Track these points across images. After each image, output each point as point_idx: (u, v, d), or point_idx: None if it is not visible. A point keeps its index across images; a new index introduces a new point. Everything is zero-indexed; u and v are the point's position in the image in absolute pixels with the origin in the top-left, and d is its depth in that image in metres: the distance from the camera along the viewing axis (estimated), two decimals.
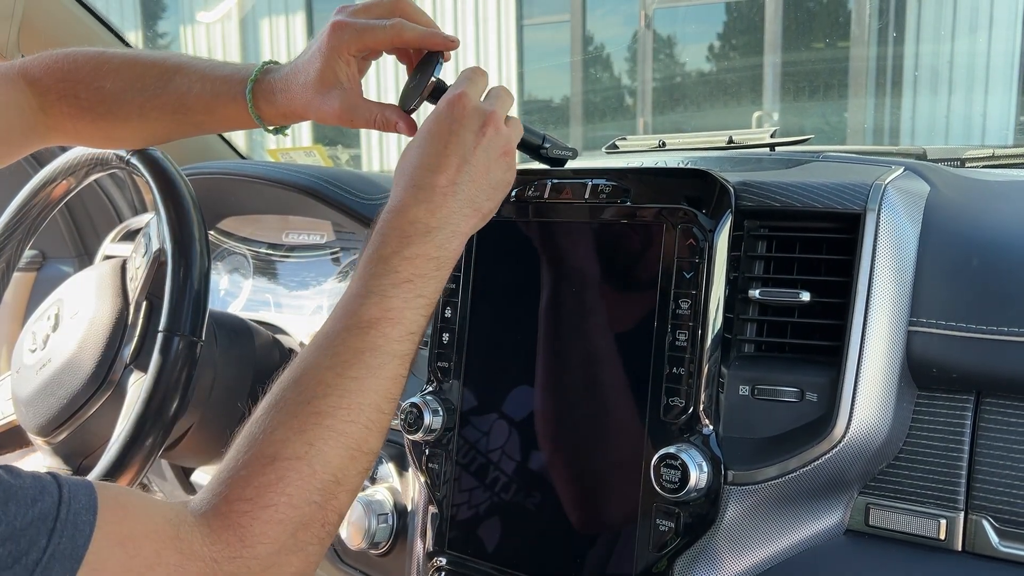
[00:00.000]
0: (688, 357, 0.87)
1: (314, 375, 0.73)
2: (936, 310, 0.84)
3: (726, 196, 0.90)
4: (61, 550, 0.58)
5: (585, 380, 0.96)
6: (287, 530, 0.67)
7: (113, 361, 1.15)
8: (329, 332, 0.76)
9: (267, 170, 1.48)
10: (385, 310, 0.75)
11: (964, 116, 4.74)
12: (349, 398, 0.72)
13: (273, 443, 0.69)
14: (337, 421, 0.71)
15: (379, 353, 0.74)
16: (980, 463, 0.82)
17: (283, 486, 0.67)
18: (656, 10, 6.05)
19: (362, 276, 0.77)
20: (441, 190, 0.80)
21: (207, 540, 0.64)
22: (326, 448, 0.70)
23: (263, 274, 1.53)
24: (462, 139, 0.82)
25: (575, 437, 0.96)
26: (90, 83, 0.98)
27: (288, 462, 0.68)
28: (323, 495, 0.70)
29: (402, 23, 0.88)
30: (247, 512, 0.66)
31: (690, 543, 0.87)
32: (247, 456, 0.69)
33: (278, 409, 0.72)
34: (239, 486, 0.67)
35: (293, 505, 0.68)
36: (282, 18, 8.38)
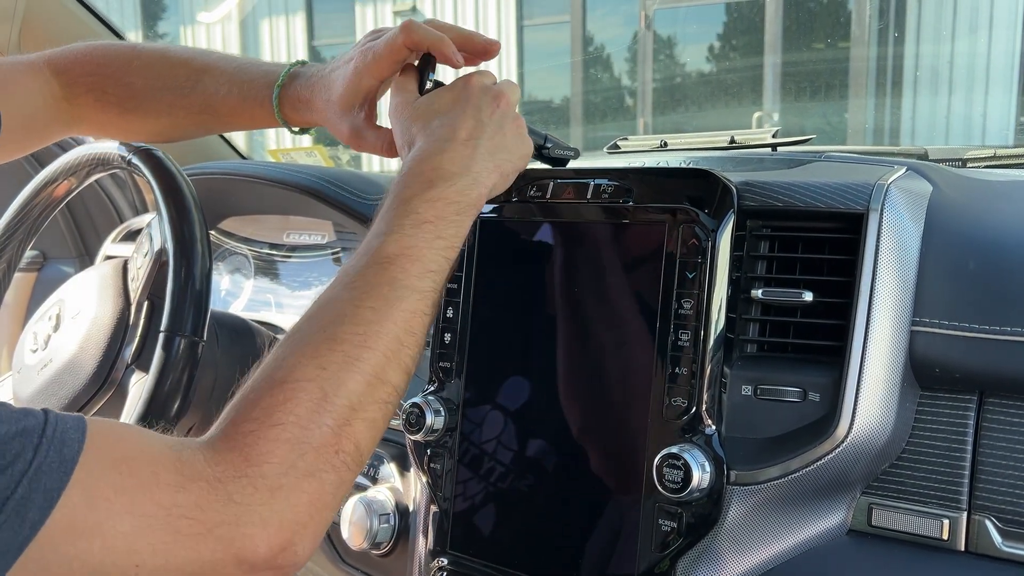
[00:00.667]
0: (691, 357, 0.87)
1: (331, 306, 0.73)
2: (939, 310, 0.84)
3: (728, 196, 0.90)
4: (48, 463, 0.56)
5: (587, 380, 0.96)
6: (296, 451, 0.64)
7: (114, 361, 1.15)
8: (348, 269, 0.76)
9: (268, 170, 1.48)
10: (404, 247, 0.76)
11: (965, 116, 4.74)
12: (366, 327, 0.71)
13: (283, 368, 0.68)
14: (352, 347, 0.70)
15: (397, 286, 0.74)
16: (983, 463, 0.82)
17: (292, 406, 0.65)
18: (656, 10, 6.05)
19: (383, 217, 0.78)
20: (462, 141, 0.82)
21: (210, 461, 0.62)
22: (340, 372, 0.68)
23: (264, 274, 1.53)
24: (477, 106, 0.85)
25: (577, 437, 0.95)
26: (119, 78, 0.99)
27: (298, 383, 0.67)
28: (336, 419, 0.67)
29: (412, 22, 0.89)
30: (252, 431, 0.64)
31: (693, 543, 0.87)
32: (258, 381, 0.68)
33: (291, 339, 0.71)
34: (246, 408, 0.66)
35: (302, 426, 0.65)
36: (282, 19, 8.39)
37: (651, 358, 0.90)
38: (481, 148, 0.83)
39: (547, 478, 0.97)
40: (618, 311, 0.94)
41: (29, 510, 0.55)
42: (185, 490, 0.60)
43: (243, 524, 0.61)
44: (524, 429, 0.99)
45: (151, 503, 0.59)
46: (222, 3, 8.50)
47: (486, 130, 0.84)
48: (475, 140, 0.83)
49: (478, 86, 0.86)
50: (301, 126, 0.98)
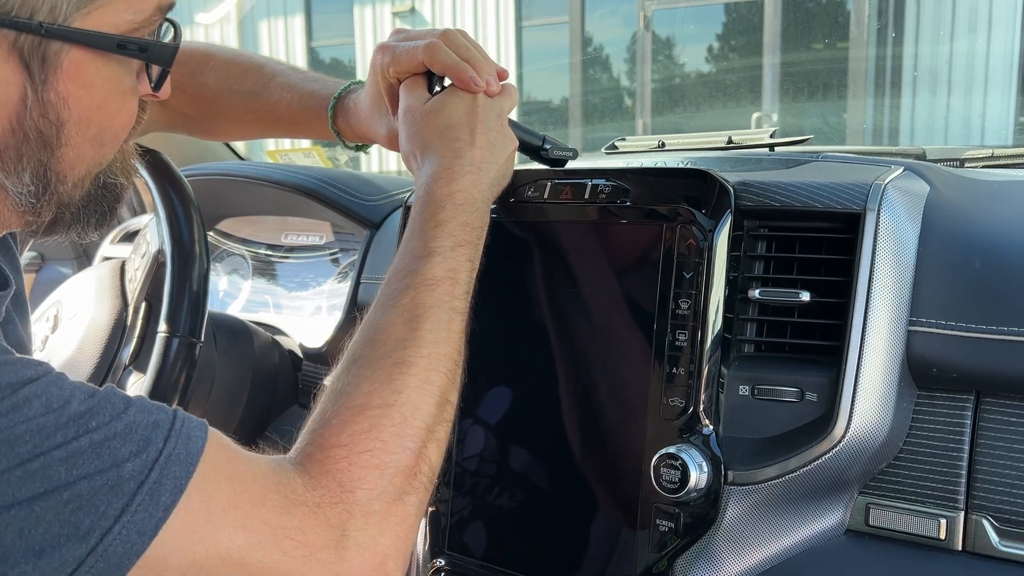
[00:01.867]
0: (688, 357, 0.87)
1: (389, 331, 0.75)
2: (936, 310, 0.84)
3: (726, 196, 0.90)
4: (177, 453, 0.60)
5: (585, 380, 0.95)
6: (385, 475, 0.67)
7: (112, 362, 1.15)
8: (393, 293, 0.77)
9: (266, 171, 1.48)
10: (447, 270, 0.78)
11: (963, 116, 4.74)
12: (428, 348, 0.74)
13: (361, 394, 0.70)
14: (421, 370, 0.73)
15: (446, 308, 0.77)
16: (980, 463, 0.82)
17: (377, 432, 0.68)
18: (655, 11, 6.05)
19: (420, 236, 0.80)
20: (478, 165, 0.84)
21: (308, 485, 0.65)
22: (415, 396, 0.71)
23: (262, 275, 1.53)
24: (487, 122, 0.86)
25: (575, 437, 0.95)
26: (195, 76, 1.04)
27: (379, 410, 0.69)
28: (415, 441, 0.70)
29: (437, 44, 0.88)
30: (344, 458, 0.67)
31: (690, 543, 0.87)
32: (337, 407, 0.70)
33: (359, 365, 0.73)
34: (333, 434, 0.68)
35: (388, 451, 0.68)
36: (281, 20, 8.39)
37: (648, 358, 0.90)
38: (491, 172, 0.86)
39: (545, 479, 0.97)
40: (615, 311, 0.94)
41: (162, 494, 0.59)
42: (290, 513, 0.63)
43: (342, 548, 0.65)
44: (521, 430, 0.99)
45: (260, 521, 0.62)
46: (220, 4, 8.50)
47: (494, 153, 0.86)
48: (487, 164, 0.85)
49: (485, 101, 0.87)
50: (353, 140, 1.01)
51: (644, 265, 0.91)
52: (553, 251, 0.99)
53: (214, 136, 1.12)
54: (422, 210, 0.82)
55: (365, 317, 0.78)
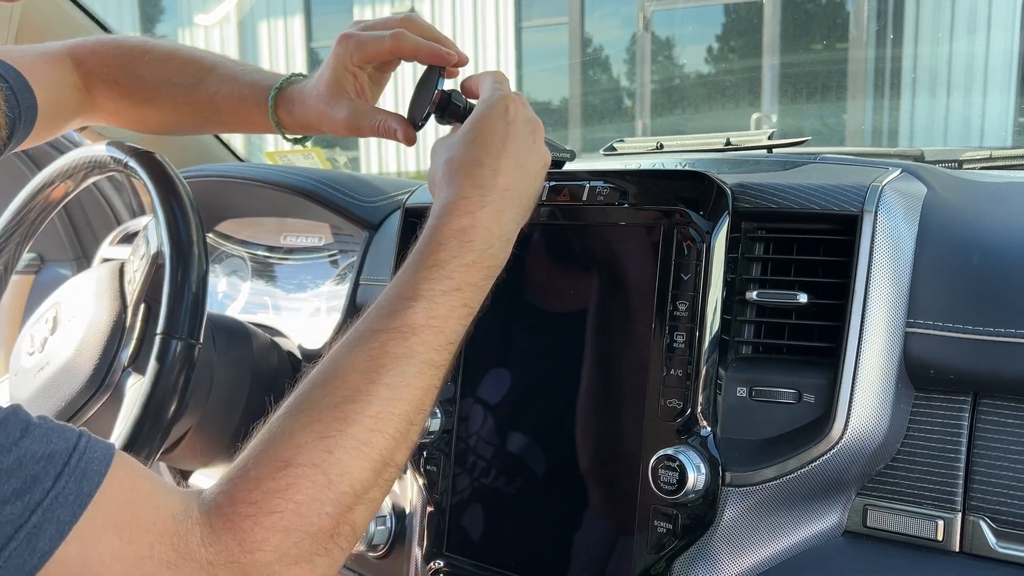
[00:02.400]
0: (686, 359, 0.88)
1: (344, 378, 0.69)
2: (933, 311, 0.84)
3: (723, 198, 0.90)
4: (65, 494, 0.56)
5: (583, 382, 0.96)
6: (291, 539, 0.63)
7: (111, 364, 1.15)
8: (366, 332, 0.72)
9: (265, 173, 1.48)
10: (430, 317, 0.72)
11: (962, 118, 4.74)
12: (379, 406, 0.68)
13: (290, 447, 0.66)
14: (362, 430, 0.67)
15: (417, 362, 0.71)
16: (977, 464, 0.82)
17: (292, 493, 0.64)
18: (654, 12, 6.06)
19: (411, 278, 0.74)
20: (501, 193, 0.78)
21: (206, 540, 0.61)
22: (346, 458, 0.66)
23: (261, 277, 1.53)
24: (518, 143, 0.81)
25: (573, 439, 0.96)
26: (131, 70, 1.03)
27: (302, 468, 0.65)
28: (336, 507, 0.65)
29: (402, 33, 0.88)
30: (250, 516, 0.63)
31: (688, 544, 0.87)
32: (260, 456, 0.66)
33: (300, 410, 0.68)
34: (247, 488, 0.64)
35: (300, 514, 0.64)
36: (280, 21, 8.39)
37: (646, 360, 0.90)
38: (516, 201, 0.80)
39: (543, 480, 0.97)
40: (613, 313, 0.94)
41: (40, 539, 0.55)
42: (178, 568, 0.60)
43: None
44: (520, 431, 1.00)
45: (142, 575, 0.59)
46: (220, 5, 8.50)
47: (523, 176, 0.81)
48: (513, 191, 0.79)
49: (522, 118, 0.82)
50: (295, 131, 0.99)
51: (642, 267, 0.92)
52: (551, 253, 1.00)
53: (149, 128, 1.09)
54: (423, 245, 0.76)
55: (331, 350, 0.73)
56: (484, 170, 0.78)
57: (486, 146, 0.79)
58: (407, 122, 0.92)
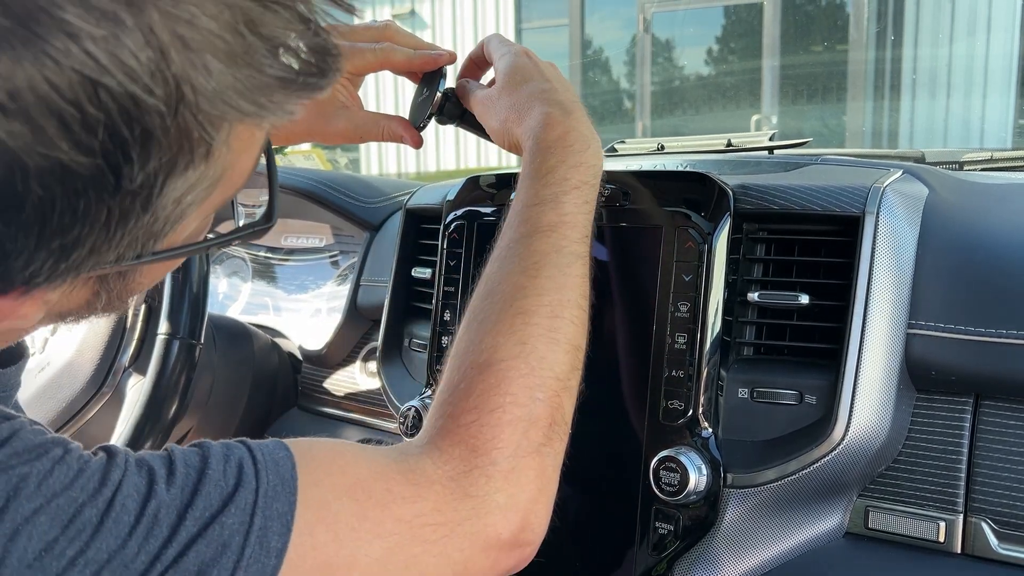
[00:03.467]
0: (687, 360, 0.87)
1: (507, 281, 0.72)
2: (935, 313, 0.84)
3: (725, 199, 0.90)
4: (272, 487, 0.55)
5: (584, 383, 0.95)
6: (518, 430, 0.65)
7: (112, 365, 1.15)
8: (509, 243, 0.75)
9: None
10: (562, 215, 0.75)
11: (963, 119, 4.74)
12: (549, 295, 0.71)
13: (484, 350, 0.68)
14: (543, 318, 0.70)
15: (565, 253, 0.74)
16: (979, 465, 0.82)
17: (505, 386, 0.65)
18: (654, 13, 6.06)
19: (531, 187, 0.77)
20: (574, 102, 0.82)
21: (438, 461, 0.62)
22: (540, 346, 0.68)
23: (262, 277, 1.53)
24: (553, 72, 0.86)
25: (574, 439, 0.95)
26: None
27: (504, 363, 0.67)
28: (546, 392, 0.67)
29: (391, 47, 0.90)
30: (474, 421, 0.64)
31: (690, 546, 0.87)
32: (461, 369, 0.68)
33: (480, 321, 0.70)
34: (460, 398, 0.65)
35: (519, 403, 0.65)
36: None
37: (648, 361, 0.90)
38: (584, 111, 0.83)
39: None
40: (614, 314, 0.94)
41: (271, 538, 0.54)
42: (423, 499, 0.60)
43: (483, 515, 0.62)
44: None
45: (393, 521, 0.59)
46: None
47: (573, 92, 0.85)
48: (578, 103, 0.83)
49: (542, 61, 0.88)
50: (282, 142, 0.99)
51: (643, 268, 0.92)
52: None
53: None
54: (532, 159, 0.79)
55: (483, 273, 0.75)
56: (549, 92, 0.82)
57: (533, 79, 0.84)
58: (411, 126, 0.92)
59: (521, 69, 0.85)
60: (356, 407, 1.31)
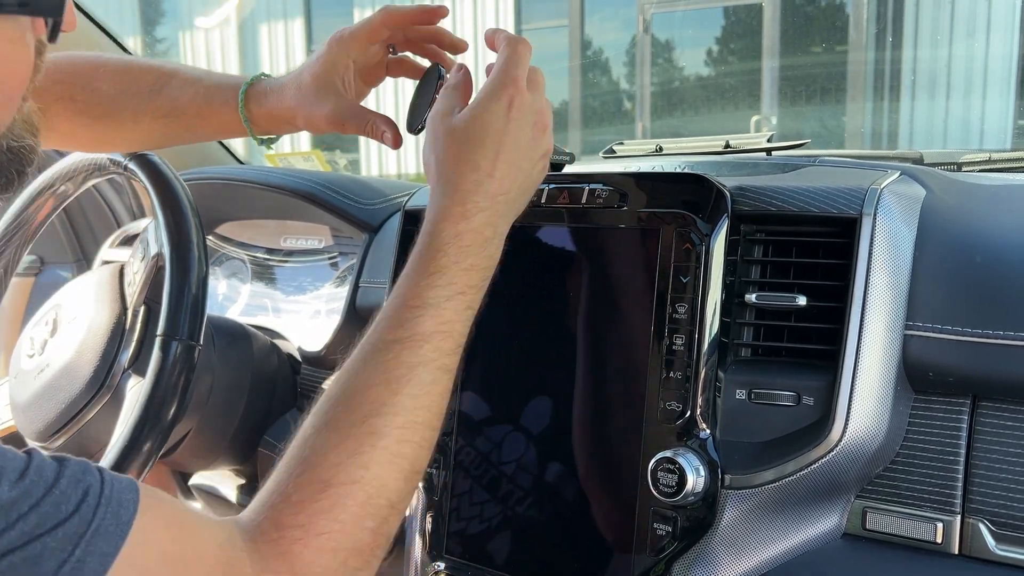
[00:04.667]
0: (685, 361, 0.88)
1: (366, 392, 0.70)
2: (932, 314, 0.84)
3: (723, 200, 0.90)
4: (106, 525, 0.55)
5: (582, 384, 0.96)
6: (339, 558, 0.64)
7: (111, 366, 1.15)
8: (378, 344, 0.73)
9: (265, 175, 1.48)
10: (440, 323, 0.73)
11: (962, 120, 4.75)
12: (404, 416, 0.69)
13: (327, 467, 0.66)
14: (392, 442, 0.68)
15: (432, 368, 0.72)
16: (977, 466, 0.82)
17: (337, 512, 0.65)
18: (654, 15, 6.06)
19: (415, 285, 0.74)
20: (495, 197, 0.77)
21: (257, 567, 0.62)
22: (382, 472, 0.67)
23: (261, 279, 1.53)
24: (516, 142, 0.79)
25: (572, 441, 0.96)
26: (86, 85, 0.99)
27: (343, 487, 0.66)
28: (376, 520, 0.67)
29: (388, 6, 0.89)
30: (299, 540, 0.63)
31: (688, 547, 0.87)
32: (299, 479, 0.66)
33: (329, 429, 0.69)
34: (291, 511, 0.65)
35: (346, 532, 0.65)
36: (280, 23, 8.39)
37: (645, 362, 0.90)
38: (509, 202, 0.79)
39: (542, 482, 0.97)
40: (612, 316, 0.94)
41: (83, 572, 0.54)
42: None
43: None
44: (519, 434, 1.00)
45: None
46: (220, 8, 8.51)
47: (519, 176, 0.79)
48: (508, 195, 0.78)
49: (525, 111, 0.79)
50: (267, 127, 0.97)
51: (641, 269, 0.92)
52: (550, 255, 1.00)
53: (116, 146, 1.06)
54: (422, 252, 0.76)
55: (344, 364, 0.73)
56: (479, 175, 0.77)
57: (482, 146, 0.77)
58: (395, 126, 0.91)
59: (484, 127, 0.78)
60: None
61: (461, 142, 0.78)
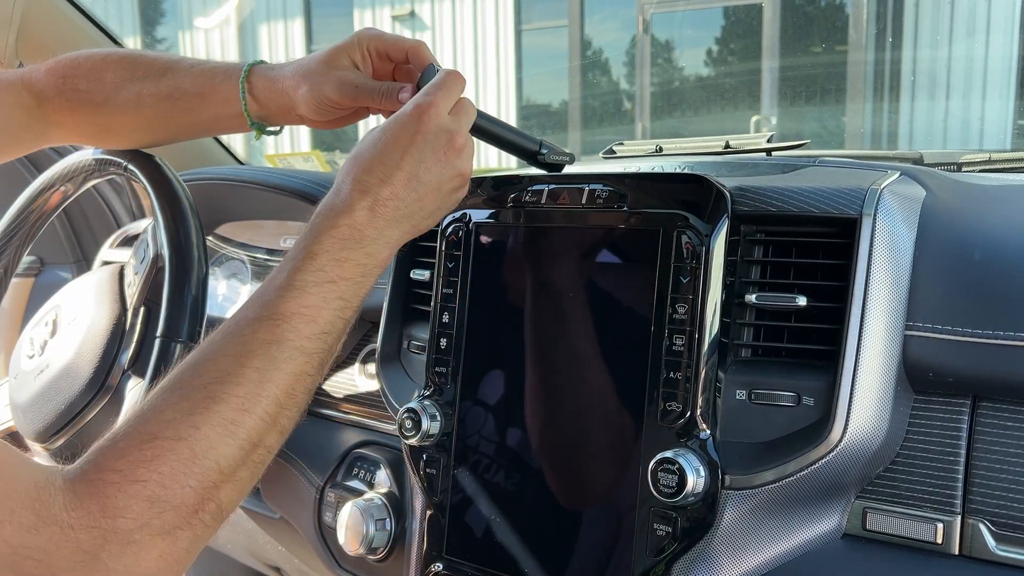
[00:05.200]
0: (685, 362, 0.88)
1: (215, 361, 0.71)
2: (932, 314, 0.84)
3: (722, 201, 0.90)
4: None
5: (582, 385, 0.96)
6: (153, 509, 0.64)
7: (111, 367, 1.15)
8: (240, 320, 0.74)
9: (265, 176, 1.48)
10: (302, 306, 0.74)
11: (962, 120, 4.75)
12: (247, 387, 0.70)
13: (158, 422, 0.67)
14: (229, 409, 0.69)
15: (286, 347, 0.73)
16: (977, 467, 0.82)
17: (157, 464, 0.65)
18: (654, 15, 6.06)
19: (286, 269, 0.76)
20: (384, 202, 0.80)
21: (69, 505, 0.62)
22: (212, 434, 0.68)
23: (261, 279, 1.52)
24: (421, 155, 0.81)
25: (572, 441, 0.96)
26: (93, 76, 1.01)
27: (168, 441, 0.66)
28: (200, 481, 0.67)
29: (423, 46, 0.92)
30: (114, 483, 0.64)
31: (688, 547, 0.87)
32: (129, 430, 0.67)
33: (171, 390, 0.70)
34: (112, 457, 0.65)
35: (165, 485, 0.65)
36: (280, 23, 8.40)
37: (645, 363, 0.90)
38: (401, 210, 0.81)
39: (542, 483, 0.97)
40: (612, 316, 0.94)
41: None
42: (37, 532, 0.60)
43: (91, 573, 0.62)
44: (519, 434, 1.00)
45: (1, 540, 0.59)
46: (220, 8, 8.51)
47: (417, 187, 0.81)
48: (398, 200, 0.80)
49: (431, 125, 0.82)
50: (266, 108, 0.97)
51: (641, 270, 0.92)
52: (549, 256, 1.00)
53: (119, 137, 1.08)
54: (300, 239, 0.78)
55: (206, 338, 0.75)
56: (372, 177, 0.80)
57: (385, 153, 0.81)
58: None
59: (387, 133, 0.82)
60: (355, 409, 1.31)
61: (368, 146, 0.82)
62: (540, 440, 0.98)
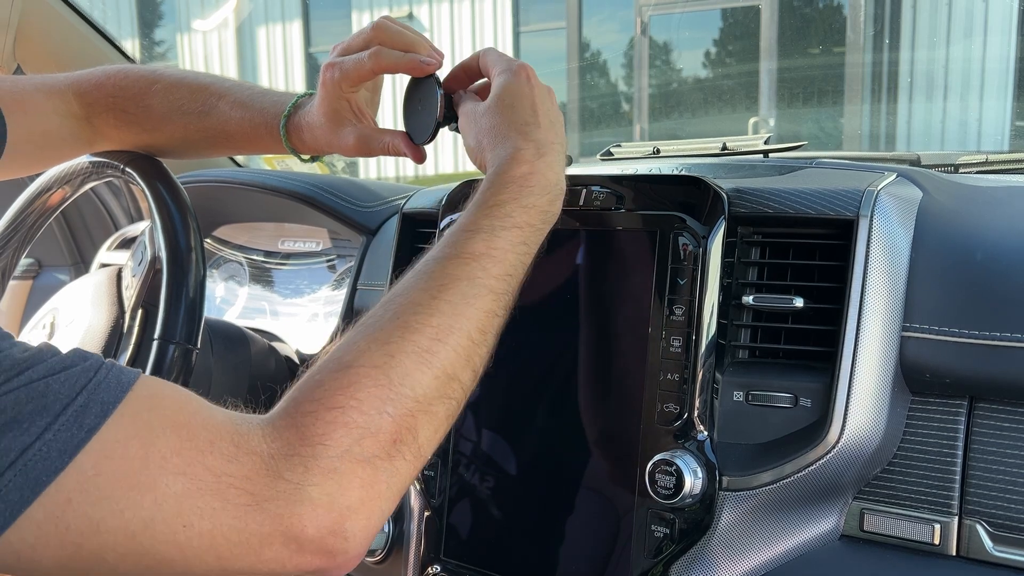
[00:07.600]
0: (682, 363, 0.88)
1: (407, 295, 0.72)
2: (929, 315, 0.84)
3: (720, 203, 0.90)
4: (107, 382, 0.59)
5: (580, 386, 0.96)
6: (352, 435, 0.64)
7: None
8: (428, 261, 0.75)
9: (263, 178, 1.48)
10: (490, 247, 0.76)
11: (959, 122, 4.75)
12: (440, 319, 0.71)
13: (352, 352, 0.68)
14: (423, 338, 0.69)
15: (476, 284, 0.74)
16: (974, 468, 0.83)
17: (353, 390, 0.65)
18: (652, 16, 6.07)
19: (472, 215, 0.78)
20: (550, 145, 0.83)
21: (267, 436, 0.63)
22: (408, 362, 0.68)
23: (259, 282, 1.53)
24: (545, 101, 0.86)
25: (570, 443, 0.96)
26: (139, 100, 1.03)
27: (363, 369, 0.66)
28: (397, 408, 0.66)
29: (380, 51, 0.91)
30: (311, 412, 0.64)
31: (685, 549, 0.87)
32: (324, 364, 0.68)
33: (365, 325, 0.71)
34: (309, 388, 0.66)
35: (362, 411, 0.65)
36: (278, 26, 8.39)
37: (643, 364, 0.90)
38: (561, 152, 0.85)
39: (540, 485, 0.97)
40: (610, 318, 0.94)
41: (87, 417, 0.58)
42: (238, 461, 0.61)
43: (293, 502, 0.61)
44: (517, 436, 1.00)
45: (204, 468, 0.60)
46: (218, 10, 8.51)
47: (558, 133, 0.86)
48: (558, 143, 0.84)
49: (540, 85, 0.87)
50: (309, 153, 1.01)
51: (638, 271, 0.92)
52: (547, 258, 1.00)
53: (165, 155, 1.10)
54: (485, 189, 0.80)
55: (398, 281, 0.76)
56: (530, 128, 0.83)
57: (523, 109, 0.85)
58: (411, 142, 0.94)
59: (514, 93, 0.86)
60: None
61: (501, 111, 0.85)
62: (538, 442, 0.98)
